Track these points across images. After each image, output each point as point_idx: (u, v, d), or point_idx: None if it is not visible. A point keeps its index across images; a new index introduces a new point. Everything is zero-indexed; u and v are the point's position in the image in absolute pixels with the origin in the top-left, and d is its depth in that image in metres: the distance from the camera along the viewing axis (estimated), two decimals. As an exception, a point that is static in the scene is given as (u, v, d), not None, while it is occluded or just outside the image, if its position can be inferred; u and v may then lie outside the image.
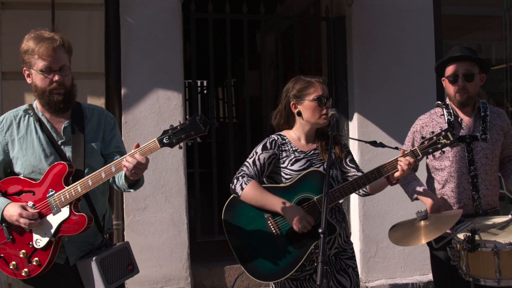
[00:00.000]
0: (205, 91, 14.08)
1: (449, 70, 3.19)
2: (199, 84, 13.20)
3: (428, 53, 5.20)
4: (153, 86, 4.69)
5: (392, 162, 2.76)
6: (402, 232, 2.79)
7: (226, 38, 5.18)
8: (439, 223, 2.72)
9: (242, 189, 2.84)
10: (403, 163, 2.71)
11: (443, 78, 3.25)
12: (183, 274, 4.74)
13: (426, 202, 3.08)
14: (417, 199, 3.15)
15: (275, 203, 2.81)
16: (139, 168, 2.43)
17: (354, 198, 5.10)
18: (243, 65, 5.42)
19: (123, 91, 4.64)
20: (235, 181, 2.89)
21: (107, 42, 4.64)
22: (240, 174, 2.91)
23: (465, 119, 3.21)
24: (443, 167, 3.20)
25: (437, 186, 3.24)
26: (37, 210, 2.54)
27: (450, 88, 3.20)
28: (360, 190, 3.00)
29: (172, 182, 4.72)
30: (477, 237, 2.68)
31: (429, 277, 5.14)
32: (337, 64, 5.26)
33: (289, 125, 3.05)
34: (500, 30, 6.18)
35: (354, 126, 5.09)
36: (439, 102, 3.31)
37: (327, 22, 5.37)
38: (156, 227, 4.70)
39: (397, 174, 2.75)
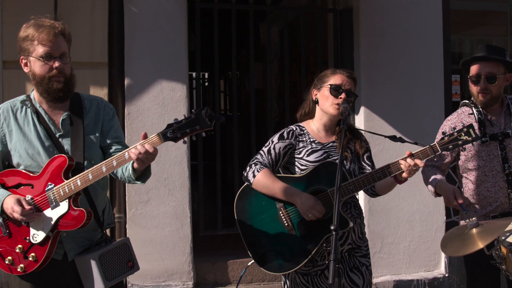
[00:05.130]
0: (206, 84, 14.02)
1: (473, 70, 3.13)
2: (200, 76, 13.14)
3: (436, 47, 5.13)
4: (157, 77, 4.61)
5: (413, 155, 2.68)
6: (456, 244, 2.71)
7: (231, 29, 5.10)
8: (491, 229, 2.65)
9: (254, 176, 2.80)
10: (404, 165, 2.63)
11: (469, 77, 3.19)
12: (186, 268, 4.68)
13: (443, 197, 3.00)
14: (438, 194, 3.06)
15: (286, 191, 2.75)
16: (147, 157, 2.35)
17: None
18: (247, 57, 5.34)
19: (126, 82, 4.56)
20: (247, 168, 2.86)
21: (110, 32, 4.56)
22: (253, 162, 2.87)
23: (495, 117, 3.14)
24: (477, 167, 3.12)
25: (471, 186, 3.17)
26: (31, 207, 2.46)
27: (473, 88, 3.14)
28: (370, 190, 2.93)
29: (175, 175, 4.65)
30: None
31: (434, 273, 5.12)
32: (344, 57, 5.19)
33: (310, 115, 2.99)
34: (504, 25, 6.14)
35: (361, 120, 5.02)
36: (466, 101, 3.24)
37: (334, 13, 5.29)
38: (159, 220, 4.63)
39: (405, 174, 2.67)
